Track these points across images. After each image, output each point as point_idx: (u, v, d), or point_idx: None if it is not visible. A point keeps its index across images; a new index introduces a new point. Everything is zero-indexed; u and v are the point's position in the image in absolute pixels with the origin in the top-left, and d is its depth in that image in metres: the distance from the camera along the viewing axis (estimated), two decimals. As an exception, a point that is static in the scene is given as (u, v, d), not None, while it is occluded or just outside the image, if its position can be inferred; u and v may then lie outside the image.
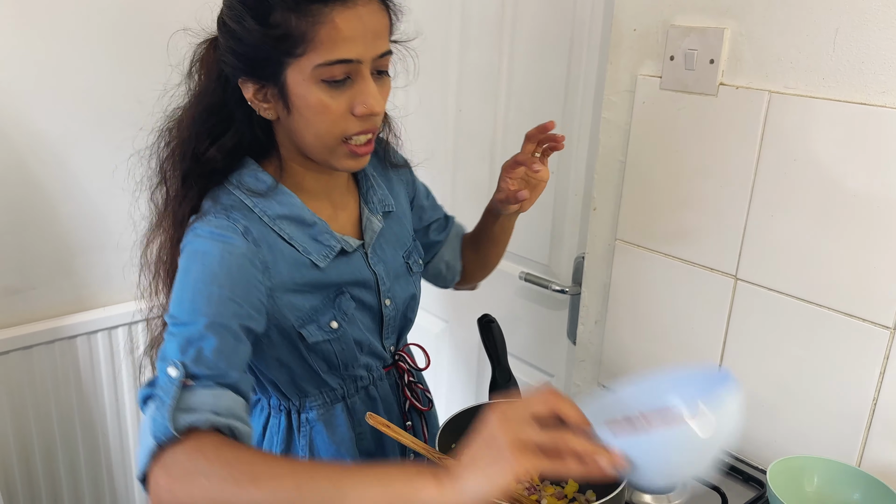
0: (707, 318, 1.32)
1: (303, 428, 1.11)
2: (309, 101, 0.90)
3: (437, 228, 1.33)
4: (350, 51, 0.88)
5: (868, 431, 1.14)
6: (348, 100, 0.91)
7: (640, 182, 1.39)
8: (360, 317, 1.10)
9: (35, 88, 1.58)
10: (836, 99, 1.10)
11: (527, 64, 1.73)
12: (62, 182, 1.66)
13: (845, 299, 1.14)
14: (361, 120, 0.93)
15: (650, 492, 0.97)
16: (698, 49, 1.25)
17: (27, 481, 1.70)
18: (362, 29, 0.88)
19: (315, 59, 0.88)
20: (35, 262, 1.67)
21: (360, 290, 1.09)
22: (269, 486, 0.70)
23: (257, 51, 0.90)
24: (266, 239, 0.96)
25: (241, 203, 0.97)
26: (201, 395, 0.80)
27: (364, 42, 0.89)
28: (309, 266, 1.01)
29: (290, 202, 1.00)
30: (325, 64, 0.88)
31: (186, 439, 0.76)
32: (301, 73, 0.89)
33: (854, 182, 1.10)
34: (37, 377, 1.66)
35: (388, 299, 1.14)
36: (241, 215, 0.96)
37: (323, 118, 0.91)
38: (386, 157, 1.21)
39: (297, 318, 1.00)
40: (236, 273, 0.91)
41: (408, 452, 1.20)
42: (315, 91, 0.90)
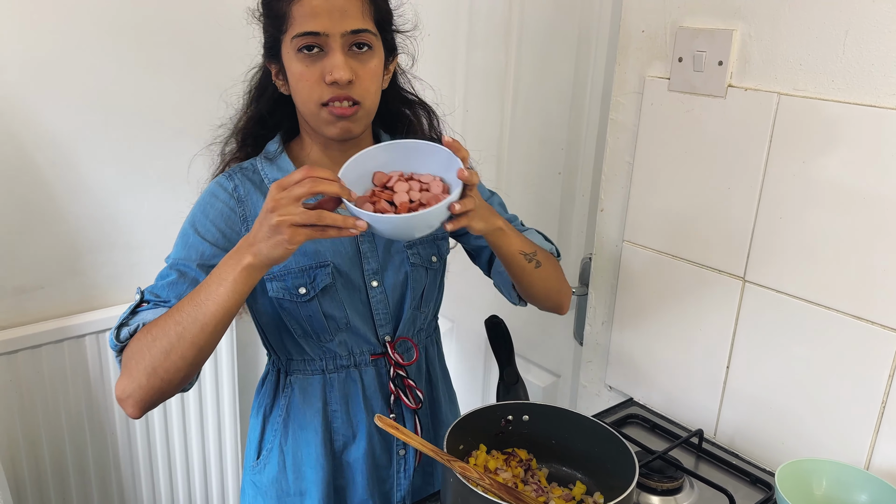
0: (715, 321, 1.32)
1: (285, 389, 1.20)
2: (293, 70, 1.06)
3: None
4: (316, 24, 1.02)
5: (877, 434, 1.14)
6: (320, 69, 1.04)
7: (647, 183, 1.39)
8: (343, 294, 1.14)
9: (44, 88, 1.59)
10: (846, 101, 1.10)
11: (534, 65, 1.72)
12: (70, 182, 1.66)
13: (854, 302, 1.13)
14: (332, 87, 1.04)
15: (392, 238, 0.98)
16: (707, 50, 1.25)
17: (36, 479, 1.71)
18: (328, 6, 1.02)
19: (292, 32, 1.04)
20: (43, 261, 1.67)
21: (344, 264, 1.14)
22: (174, 319, 0.95)
23: (267, 34, 1.10)
24: (252, 196, 1.12)
25: (253, 166, 1.15)
26: (143, 314, 1.02)
27: (330, 17, 1.02)
28: None
29: (285, 168, 1.14)
30: (297, 35, 1.03)
31: (129, 342, 1.00)
32: (287, 47, 1.06)
33: (863, 184, 1.10)
34: (45, 376, 1.67)
35: (376, 281, 1.16)
36: (241, 176, 1.14)
37: (302, 85, 1.05)
38: None
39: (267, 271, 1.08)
40: (212, 221, 1.09)
41: (378, 438, 1.21)
42: (295, 62, 1.05)
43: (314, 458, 1.18)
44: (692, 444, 1.33)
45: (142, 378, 0.96)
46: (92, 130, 1.67)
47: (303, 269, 1.12)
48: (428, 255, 1.22)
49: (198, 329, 0.93)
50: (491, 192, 1.31)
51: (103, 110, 1.67)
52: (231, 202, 1.11)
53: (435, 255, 1.23)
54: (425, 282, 1.22)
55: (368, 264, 1.16)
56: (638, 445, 1.28)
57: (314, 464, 1.19)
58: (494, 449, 1.15)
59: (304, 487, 1.20)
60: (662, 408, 1.45)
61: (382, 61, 1.10)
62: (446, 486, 1.02)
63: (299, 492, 1.20)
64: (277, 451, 1.21)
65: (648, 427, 1.41)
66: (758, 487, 1.23)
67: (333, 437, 1.20)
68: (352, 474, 1.21)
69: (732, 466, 1.27)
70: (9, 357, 1.61)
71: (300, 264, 1.12)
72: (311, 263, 1.13)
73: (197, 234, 1.09)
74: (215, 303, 0.92)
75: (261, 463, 1.23)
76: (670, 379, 1.42)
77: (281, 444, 1.20)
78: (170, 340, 0.94)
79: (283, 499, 1.21)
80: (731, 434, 1.34)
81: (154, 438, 1.86)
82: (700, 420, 1.38)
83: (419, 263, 1.20)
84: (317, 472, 1.18)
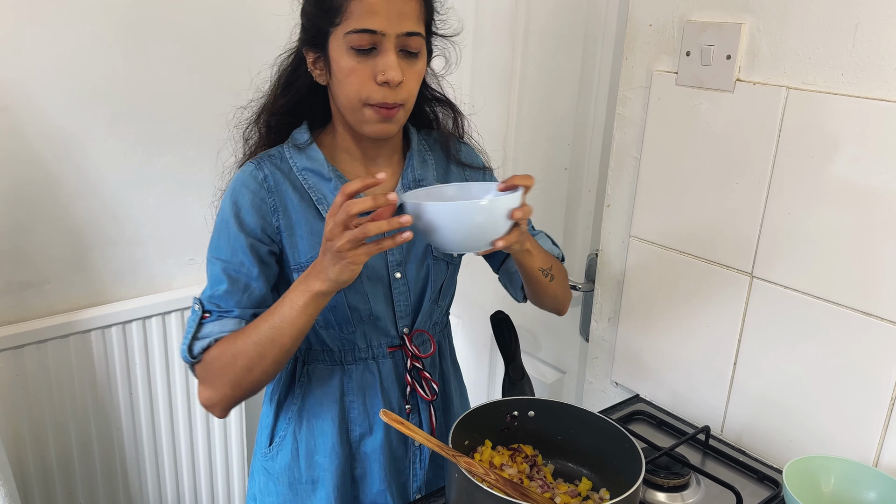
0: (722, 317, 1.31)
1: (301, 378, 1.20)
2: (341, 65, 1.05)
3: None
4: (374, 23, 1.02)
5: (885, 431, 1.13)
6: (372, 68, 1.04)
7: (654, 178, 1.38)
8: (368, 286, 1.15)
9: (50, 85, 1.59)
10: (856, 95, 1.09)
11: (541, 60, 1.72)
12: (77, 177, 1.66)
13: (863, 298, 1.13)
14: (382, 88, 1.04)
15: (450, 251, 1.02)
16: (715, 44, 1.24)
17: (42, 473, 1.72)
18: (387, 7, 1.02)
19: (347, 27, 1.03)
20: (49, 256, 1.67)
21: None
22: (252, 341, 1.04)
23: (312, 23, 1.08)
24: (282, 186, 1.12)
25: (281, 153, 1.15)
26: (210, 326, 1.09)
27: (388, 18, 1.02)
28: (318, 217, 1.12)
29: (315, 157, 1.14)
30: (352, 31, 1.02)
31: (205, 354, 1.08)
32: (337, 40, 1.05)
33: (873, 179, 1.09)
34: (51, 371, 1.67)
35: (399, 273, 1.17)
36: (270, 163, 1.13)
37: (350, 81, 1.05)
38: (448, 150, 1.26)
39: (294, 259, 1.13)
40: (248, 213, 1.10)
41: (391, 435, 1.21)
42: (346, 57, 1.04)
43: (329, 448, 1.19)
44: (699, 441, 1.32)
45: (227, 390, 1.07)
46: (98, 126, 1.67)
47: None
48: (453, 252, 1.22)
49: (276, 350, 1.04)
50: (491, 180, 1.31)
51: (109, 106, 1.67)
52: (262, 192, 1.11)
53: (457, 252, 1.23)
54: (445, 275, 1.23)
55: (392, 256, 1.17)
56: (644, 442, 1.28)
57: (329, 453, 1.19)
58: (500, 445, 1.15)
59: (317, 476, 1.20)
60: (669, 404, 1.44)
61: (426, 64, 1.13)
62: (451, 482, 1.01)
63: (311, 480, 1.20)
64: (291, 439, 1.21)
65: (655, 423, 1.40)
66: (765, 484, 1.23)
67: (350, 426, 1.20)
68: (369, 465, 1.21)
69: (739, 463, 1.27)
70: (14, 352, 1.62)
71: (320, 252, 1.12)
72: None
73: (237, 227, 1.09)
74: (291, 326, 1.02)
75: (273, 450, 1.23)
76: (677, 375, 1.41)
77: (295, 431, 1.21)
78: (251, 358, 1.04)
79: (295, 486, 1.21)
80: (738, 431, 1.33)
81: (159, 432, 1.87)
82: (707, 416, 1.37)
83: (441, 257, 1.21)
84: (331, 460, 1.19)
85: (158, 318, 1.79)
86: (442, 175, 1.23)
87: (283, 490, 1.22)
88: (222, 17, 1.77)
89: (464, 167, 1.26)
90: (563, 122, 1.70)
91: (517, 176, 1.05)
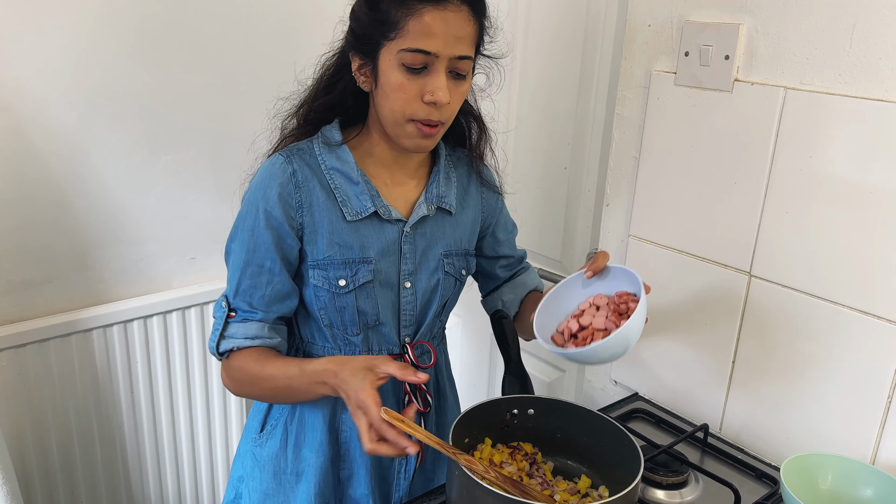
0: (721, 315, 1.32)
1: None
2: (390, 79, 1.05)
3: (506, 266, 1.35)
4: (430, 44, 1.02)
5: (883, 429, 1.14)
6: (421, 86, 1.05)
7: (653, 178, 1.39)
8: (378, 292, 1.15)
9: (52, 84, 1.59)
10: (853, 95, 1.10)
11: (540, 59, 1.72)
12: (78, 176, 1.67)
13: (860, 297, 1.13)
14: (428, 107, 1.06)
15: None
16: (713, 45, 1.24)
17: (44, 471, 1.72)
18: (445, 29, 1.02)
19: (401, 44, 1.03)
20: (51, 255, 1.68)
21: (384, 262, 1.15)
22: (270, 386, 1.12)
23: (364, 31, 1.07)
24: (310, 183, 1.12)
25: (311, 149, 1.15)
26: (235, 327, 1.13)
27: (444, 40, 1.03)
28: (340, 218, 1.13)
29: (345, 159, 1.14)
30: (407, 50, 1.03)
31: (232, 354, 1.14)
32: (389, 54, 1.05)
33: (870, 179, 1.10)
34: (53, 370, 1.67)
35: (409, 283, 1.17)
36: (300, 158, 1.13)
37: (398, 96, 1.06)
38: (474, 166, 1.27)
39: (312, 256, 1.13)
40: (274, 205, 1.10)
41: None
42: (397, 72, 1.05)
43: (317, 443, 1.19)
44: (697, 439, 1.33)
45: (243, 393, 1.17)
46: (100, 125, 1.67)
47: (346, 262, 1.13)
48: (460, 267, 1.24)
49: (290, 401, 1.16)
50: (514, 224, 1.37)
51: (111, 105, 1.67)
52: (290, 187, 1.11)
53: (464, 269, 1.25)
54: (452, 291, 1.24)
55: (406, 265, 1.17)
56: (643, 440, 1.28)
57: (316, 448, 1.19)
58: (500, 443, 1.15)
59: (302, 468, 1.21)
60: (668, 402, 1.45)
61: (470, 84, 1.13)
62: (451, 479, 1.02)
63: (296, 472, 1.21)
64: (282, 429, 1.22)
65: (654, 421, 1.41)
66: (763, 482, 1.23)
67: (341, 426, 1.20)
68: (356, 468, 1.21)
69: (738, 461, 1.27)
70: (17, 351, 1.62)
71: (344, 256, 1.13)
72: (355, 257, 1.13)
73: (264, 220, 1.11)
74: (304, 395, 1.11)
75: (263, 437, 1.24)
76: (676, 373, 1.42)
77: (287, 422, 1.22)
78: (265, 393, 1.14)
79: (279, 476, 1.22)
80: (736, 428, 1.34)
81: (161, 430, 1.87)
82: (705, 414, 1.38)
83: (451, 273, 1.22)
84: (318, 456, 1.19)
85: (160, 317, 1.79)
86: (461, 193, 1.24)
87: (267, 478, 1.23)
88: (224, 15, 1.77)
89: (483, 188, 1.28)
90: (562, 122, 1.70)
91: (601, 255, 1.12)
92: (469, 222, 1.25)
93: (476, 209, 1.27)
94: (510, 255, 1.34)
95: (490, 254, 1.33)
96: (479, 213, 1.27)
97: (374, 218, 1.14)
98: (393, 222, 1.15)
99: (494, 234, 1.32)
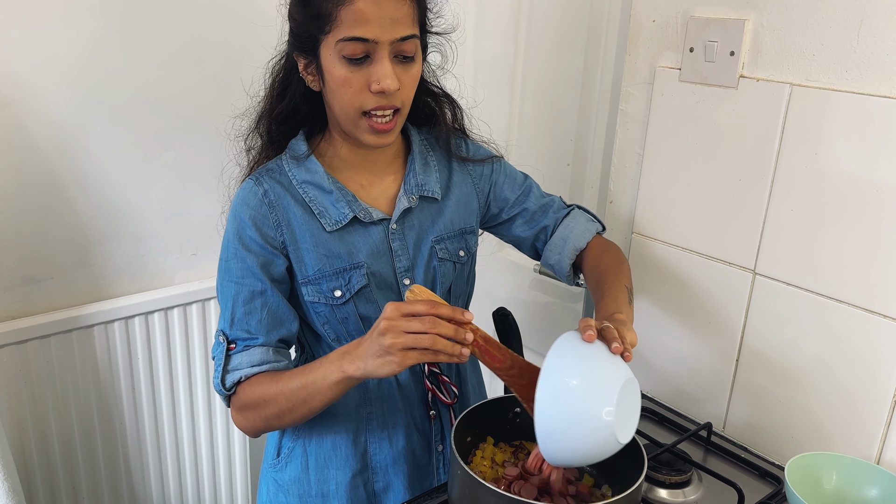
0: (725, 313, 1.31)
1: None
2: (334, 74, 1.03)
3: (524, 223, 1.29)
4: (366, 31, 0.99)
5: (888, 428, 1.13)
6: (366, 76, 1.02)
7: (657, 175, 1.38)
8: (377, 294, 1.13)
9: (53, 80, 1.59)
10: (860, 92, 1.09)
11: (543, 55, 1.71)
12: (79, 172, 1.66)
13: (865, 295, 1.12)
14: (377, 96, 1.02)
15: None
16: (718, 40, 1.23)
17: (46, 468, 1.72)
18: (379, 13, 0.99)
19: (337, 35, 1.00)
20: (52, 251, 1.67)
21: (377, 264, 1.12)
22: (285, 396, 1.04)
23: (301, 28, 1.05)
24: (283, 200, 1.10)
25: (280, 167, 1.13)
26: (238, 358, 1.08)
27: (381, 25, 0.99)
28: (321, 230, 1.11)
29: (314, 170, 1.12)
30: (344, 40, 0.99)
31: (239, 388, 1.08)
32: (329, 48, 1.02)
33: (876, 176, 1.09)
34: (54, 366, 1.67)
35: (408, 279, 1.15)
36: (269, 177, 1.11)
37: (345, 91, 1.03)
38: (449, 147, 1.23)
39: (301, 274, 1.11)
40: (252, 231, 1.08)
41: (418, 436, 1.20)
42: (339, 66, 1.02)
43: (342, 460, 1.17)
44: (701, 438, 1.32)
45: (259, 425, 1.09)
46: (101, 121, 1.67)
47: (337, 272, 1.11)
48: (455, 250, 1.20)
49: (307, 409, 1.04)
50: (525, 176, 1.32)
51: (112, 101, 1.67)
52: (263, 209, 1.09)
53: (462, 250, 1.22)
54: (452, 276, 1.21)
55: (400, 262, 1.15)
56: (646, 438, 1.28)
57: (342, 465, 1.17)
58: (502, 441, 1.15)
59: (328, 489, 1.18)
60: (671, 400, 1.44)
61: (422, 64, 1.09)
62: (453, 478, 1.02)
63: (321, 493, 1.18)
64: (301, 451, 1.19)
65: (657, 420, 1.40)
66: (767, 481, 1.23)
67: (369, 438, 1.18)
68: (392, 476, 1.19)
69: (741, 460, 1.27)
70: (18, 347, 1.62)
71: (335, 267, 1.10)
72: (345, 265, 1.11)
73: (243, 248, 1.08)
74: (321, 395, 1.01)
75: (281, 461, 1.21)
76: (679, 371, 1.41)
77: (304, 443, 1.19)
78: (282, 409, 1.04)
79: (305, 499, 1.19)
80: (740, 427, 1.33)
81: (162, 426, 1.87)
82: (709, 413, 1.38)
83: (447, 258, 1.19)
84: (344, 473, 1.17)
85: (161, 313, 1.79)
86: (445, 175, 1.22)
87: (293, 501, 1.20)
88: (224, 10, 1.77)
89: (466, 162, 1.25)
90: (565, 118, 1.70)
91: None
92: (460, 200, 1.22)
93: (467, 185, 1.24)
94: (523, 209, 1.28)
95: (504, 218, 1.29)
96: (471, 189, 1.24)
97: (356, 223, 1.12)
98: (376, 223, 1.13)
99: (501, 197, 1.27)
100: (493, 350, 0.97)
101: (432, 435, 1.21)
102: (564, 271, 1.27)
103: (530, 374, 0.98)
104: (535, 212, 1.29)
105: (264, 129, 1.16)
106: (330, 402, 1.03)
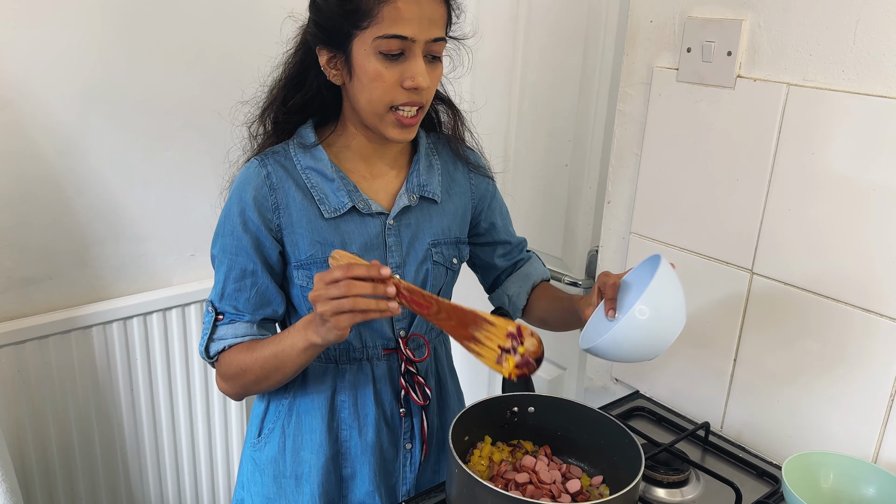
0: (722, 313, 1.31)
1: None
2: (367, 69, 1.05)
3: (504, 254, 1.34)
4: (406, 29, 1.02)
5: (885, 427, 1.13)
6: (400, 73, 1.05)
7: (655, 175, 1.38)
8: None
9: (52, 80, 1.59)
10: (857, 91, 1.09)
11: (542, 56, 1.72)
12: (78, 173, 1.67)
13: (862, 294, 1.13)
14: (408, 92, 1.06)
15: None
16: (716, 41, 1.24)
17: (43, 468, 1.72)
18: (419, 13, 1.03)
19: (376, 31, 1.02)
20: (51, 252, 1.67)
21: (369, 257, 1.14)
22: (259, 364, 1.10)
23: (332, 22, 1.06)
24: (284, 184, 1.12)
25: (286, 151, 1.15)
26: (224, 328, 1.14)
27: (419, 24, 1.03)
28: (319, 216, 1.13)
29: (320, 157, 1.14)
30: (383, 37, 1.02)
31: (222, 355, 1.14)
32: (364, 44, 1.04)
33: (873, 176, 1.09)
34: (53, 367, 1.67)
35: (398, 276, 1.15)
36: (274, 160, 1.13)
37: (376, 85, 1.05)
38: (460, 152, 1.27)
39: (295, 257, 1.13)
40: (251, 210, 1.11)
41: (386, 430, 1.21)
42: (373, 61, 1.04)
43: (316, 444, 1.19)
44: (698, 437, 1.33)
45: (239, 390, 1.15)
46: (100, 122, 1.67)
47: (328, 260, 1.12)
48: (450, 256, 1.23)
49: (280, 375, 1.10)
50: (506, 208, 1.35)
51: (111, 102, 1.67)
52: (264, 189, 1.11)
53: (456, 258, 1.24)
54: (444, 281, 1.22)
55: (392, 258, 1.16)
56: (644, 438, 1.28)
57: (316, 449, 1.19)
58: (500, 440, 1.15)
59: (302, 471, 1.20)
60: (669, 400, 1.44)
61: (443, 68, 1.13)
62: (451, 477, 1.02)
63: (295, 475, 1.21)
64: (279, 433, 1.21)
65: (655, 420, 1.40)
66: (764, 480, 1.23)
67: (340, 425, 1.20)
68: (359, 465, 1.21)
69: (739, 459, 1.27)
70: (16, 347, 1.62)
71: (326, 254, 1.12)
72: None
73: (241, 225, 1.11)
74: (292, 362, 1.07)
75: (262, 441, 1.23)
76: (677, 371, 1.42)
77: (283, 425, 1.21)
78: (257, 375, 1.10)
79: (280, 479, 1.22)
80: (737, 427, 1.34)
81: (160, 426, 1.87)
82: (706, 413, 1.38)
83: (441, 262, 1.21)
84: (318, 457, 1.19)
85: (159, 313, 1.79)
86: (447, 180, 1.23)
87: (268, 482, 1.23)
88: (224, 11, 1.77)
89: (470, 168, 1.27)
90: (563, 119, 1.70)
91: (609, 287, 1.09)
92: (458, 209, 1.24)
93: (465, 195, 1.26)
94: (508, 240, 1.34)
95: (487, 240, 1.32)
96: (468, 200, 1.26)
97: (353, 213, 1.14)
98: (374, 216, 1.15)
99: (490, 220, 1.31)
100: (419, 298, 1.02)
101: (401, 432, 1.22)
102: (521, 303, 1.33)
103: (457, 315, 1.05)
104: (515, 245, 1.35)
105: (271, 120, 1.19)
106: (303, 367, 1.09)
